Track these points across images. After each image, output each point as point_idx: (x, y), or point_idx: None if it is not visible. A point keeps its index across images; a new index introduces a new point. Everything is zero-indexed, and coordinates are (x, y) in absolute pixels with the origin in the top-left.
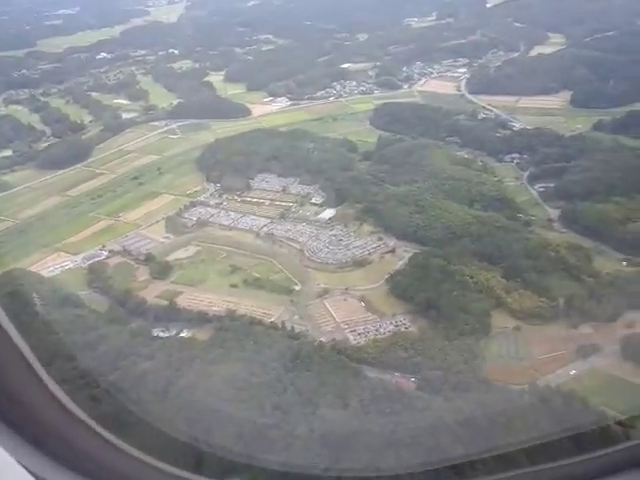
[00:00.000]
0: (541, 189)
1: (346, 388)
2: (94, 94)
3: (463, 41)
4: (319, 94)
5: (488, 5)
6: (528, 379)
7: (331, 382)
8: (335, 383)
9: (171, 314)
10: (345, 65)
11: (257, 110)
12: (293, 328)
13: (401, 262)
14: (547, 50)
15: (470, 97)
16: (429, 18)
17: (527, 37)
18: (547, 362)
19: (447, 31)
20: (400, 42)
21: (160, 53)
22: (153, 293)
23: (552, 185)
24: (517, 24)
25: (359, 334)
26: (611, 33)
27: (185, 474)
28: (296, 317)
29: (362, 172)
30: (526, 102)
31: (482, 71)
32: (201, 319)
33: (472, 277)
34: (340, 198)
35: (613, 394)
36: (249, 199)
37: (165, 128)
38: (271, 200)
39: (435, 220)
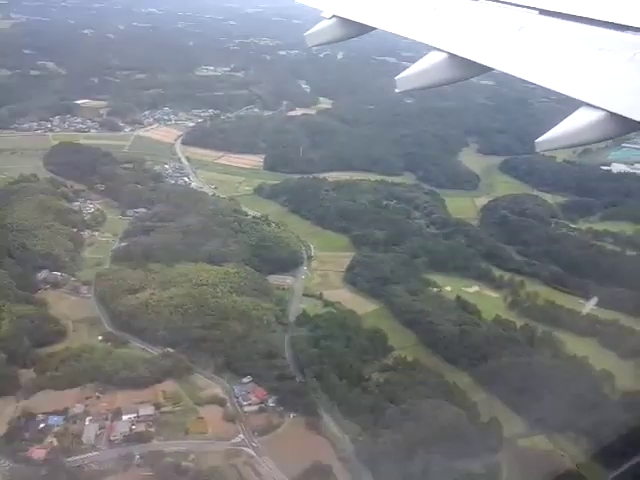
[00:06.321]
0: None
1: None
2: None
3: (221, 93)
4: (27, 125)
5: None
6: None
7: None
8: None
9: None
10: (81, 101)
11: None
12: None
13: None
14: (306, 112)
15: (178, 147)
16: (224, 69)
17: (299, 99)
18: None
19: (224, 82)
20: (166, 86)
21: None
22: None
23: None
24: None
25: None
26: (372, 107)
27: None
28: None
29: None
30: (228, 159)
31: (206, 124)
32: None
33: None
34: None
35: None
36: None
37: None
38: None
39: None
